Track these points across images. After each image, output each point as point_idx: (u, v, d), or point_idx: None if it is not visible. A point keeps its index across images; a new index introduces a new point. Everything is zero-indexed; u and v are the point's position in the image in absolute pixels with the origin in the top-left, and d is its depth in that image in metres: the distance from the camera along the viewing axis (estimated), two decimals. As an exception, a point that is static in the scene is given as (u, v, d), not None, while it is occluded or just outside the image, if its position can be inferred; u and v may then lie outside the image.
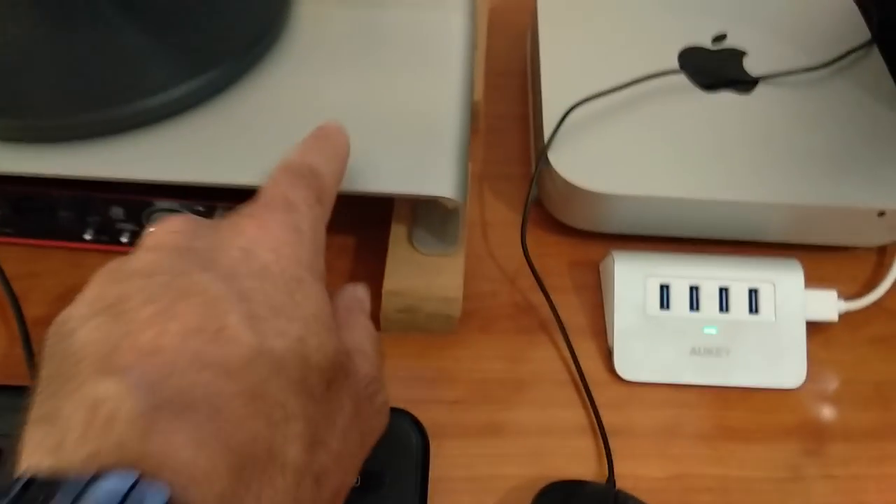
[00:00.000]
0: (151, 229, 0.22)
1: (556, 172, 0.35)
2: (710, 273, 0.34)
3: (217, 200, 0.33)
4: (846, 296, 0.35)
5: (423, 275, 0.33)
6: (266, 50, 0.35)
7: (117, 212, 0.34)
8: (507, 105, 0.45)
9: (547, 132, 0.36)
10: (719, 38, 0.42)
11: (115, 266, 0.21)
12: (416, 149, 0.32)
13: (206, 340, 0.18)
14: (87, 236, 0.35)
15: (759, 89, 0.39)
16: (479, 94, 0.43)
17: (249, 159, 0.31)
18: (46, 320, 0.34)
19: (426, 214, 0.34)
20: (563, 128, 0.37)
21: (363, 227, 0.38)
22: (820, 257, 0.37)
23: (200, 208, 0.34)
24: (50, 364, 0.19)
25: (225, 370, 0.18)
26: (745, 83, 0.40)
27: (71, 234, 0.35)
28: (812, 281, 0.35)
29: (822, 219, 0.36)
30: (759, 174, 0.36)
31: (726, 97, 0.39)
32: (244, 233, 0.22)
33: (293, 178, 0.24)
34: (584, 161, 0.36)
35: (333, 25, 0.36)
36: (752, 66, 0.40)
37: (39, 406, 0.18)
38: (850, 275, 0.37)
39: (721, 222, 0.36)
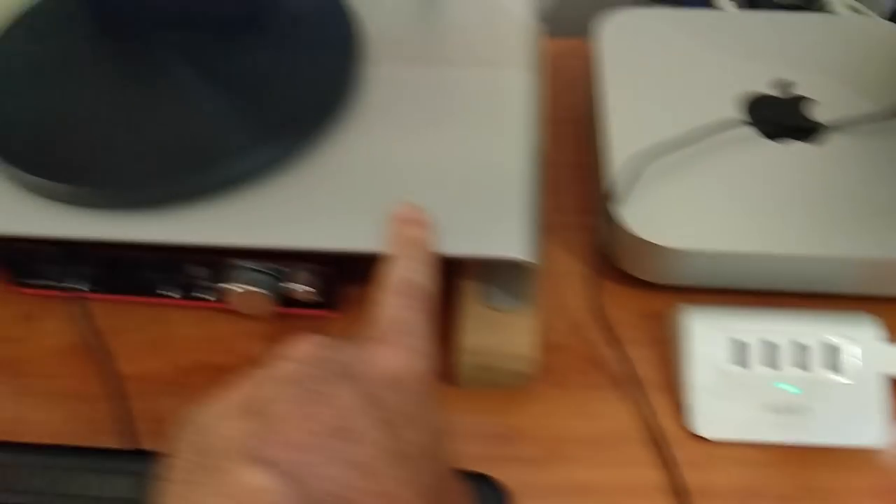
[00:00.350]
0: (292, 344, 0.24)
1: (625, 226, 0.35)
2: (786, 329, 0.34)
3: (292, 262, 0.34)
4: (928, 349, 0.35)
5: (497, 332, 0.33)
6: (339, 114, 0.36)
7: (199, 271, 0.36)
8: (569, 153, 0.45)
9: (614, 185, 0.37)
10: (786, 85, 0.42)
11: (260, 374, 0.23)
12: (486, 209, 0.32)
13: (348, 442, 0.21)
14: (171, 293, 0.37)
15: (829, 138, 0.39)
16: (544, 142, 0.44)
17: (324, 224, 0.32)
18: (131, 375, 0.35)
19: (498, 272, 0.34)
20: (630, 179, 0.37)
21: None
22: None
23: (276, 268, 0.35)
24: (188, 455, 0.21)
25: (365, 471, 0.20)
26: (814, 132, 0.39)
27: (155, 292, 0.37)
28: (891, 334, 0.34)
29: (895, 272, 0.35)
30: (829, 226, 0.35)
31: (794, 147, 0.39)
32: (376, 350, 0.24)
33: (402, 300, 0.26)
34: (653, 215, 0.36)
35: (402, 86, 0.37)
36: (820, 114, 0.40)
37: (181, 495, 0.19)
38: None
39: (793, 276, 0.36)
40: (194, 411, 0.22)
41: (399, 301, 0.26)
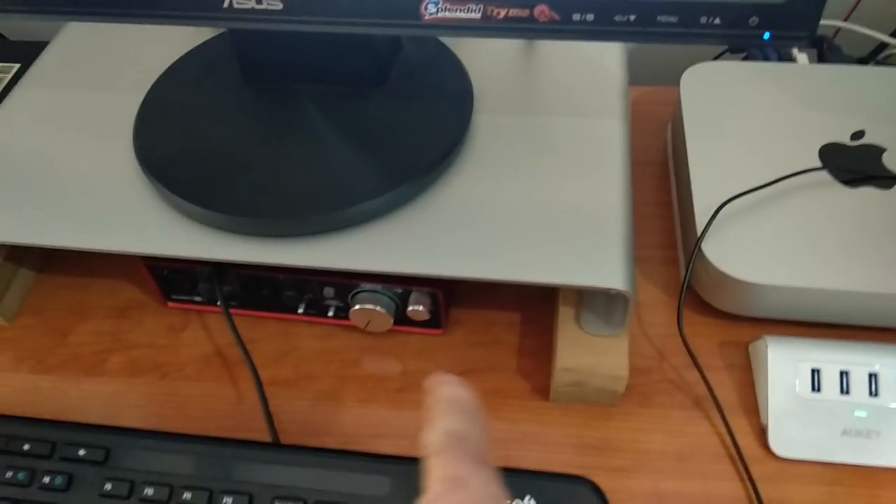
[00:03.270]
0: None
1: (709, 263, 0.39)
2: (859, 359, 0.37)
3: (410, 285, 0.39)
4: None
5: (591, 354, 0.37)
6: (452, 160, 0.40)
7: (329, 291, 0.41)
8: (649, 192, 0.49)
9: (699, 224, 0.40)
10: (858, 134, 0.45)
11: None
12: (587, 243, 0.36)
13: None
14: (300, 310, 0.42)
15: (900, 184, 0.42)
16: (627, 184, 0.48)
17: (438, 254, 0.36)
18: (266, 381, 0.40)
19: (593, 299, 0.38)
20: (712, 219, 0.41)
21: (528, 304, 0.43)
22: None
23: (398, 290, 0.39)
24: None
25: None
26: (886, 179, 0.42)
27: (287, 308, 0.42)
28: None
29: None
30: (902, 266, 0.39)
31: (867, 192, 0.42)
32: None
33: (446, 456, 0.23)
34: (736, 252, 0.39)
35: (506, 133, 0.42)
36: (892, 162, 0.43)
37: None
38: None
39: (864, 311, 0.39)
40: None
41: (441, 460, 0.23)
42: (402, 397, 0.40)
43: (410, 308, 0.39)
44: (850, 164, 0.43)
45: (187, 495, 0.33)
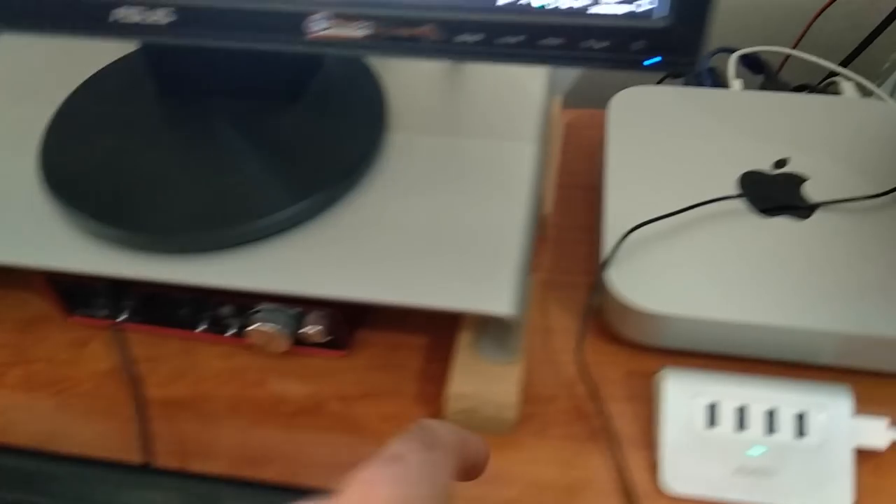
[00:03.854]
0: None
1: (613, 290, 0.38)
2: (759, 394, 0.36)
3: (308, 306, 0.38)
4: (900, 424, 0.36)
5: (483, 381, 0.37)
6: (360, 176, 0.40)
7: (226, 310, 0.40)
8: (577, 216, 0.48)
9: (606, 250, 0.40)
10: (781, 163, 0.44)
11: None
12: (479, 267, 0.36)
13: None
14: (201, 328, 0.41)
15: (818, 216, 0.41)
16: (548, 206, 0.47)
17: (337, 275, 0.36)
18: (160, 401, 0.39)
19: (490, 325, 0.37)
20: (622, 246, 0.40)
21: (436, 327, 0.42)
22: (875, 382, 0.38)
23: (294, 311, 0.39)
24: None
25: None
26: (804, 209, 0.41)
27: (187, 325, 0.41)
28: (865, 405, 0.36)
29: (874, 348, 0.37)
30: (811, 300, 0.37)
31: (783, 223, 0.41)
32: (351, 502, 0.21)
33: (400, 437, 0.23)
34: (641, 281, 0.38)
35: (418, 154, 0.41)
36: (812, 192, 0.42)
37: None
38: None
39: (772, 345, 0.38)
40: None
41: (394, 441, 0.23)
42: (296, 422, 0.39)
43: (304, 329, 0.38)
44: (769, 192, 0.42)
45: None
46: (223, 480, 0.33)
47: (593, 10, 0.31)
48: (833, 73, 0.56)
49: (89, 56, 0.46)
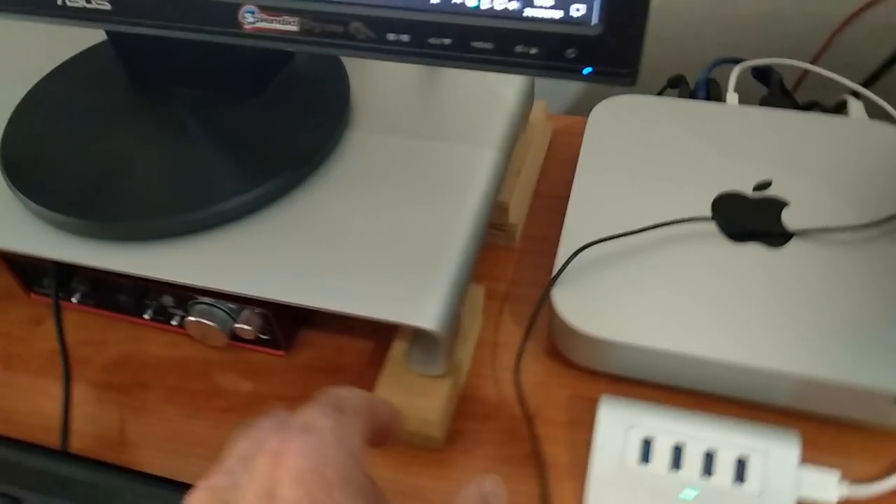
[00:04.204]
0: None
1: (556, 310, 0.36)
2: (699, 433, 0.34)
3: (243, 303, 0.38)
4: (853, 478, 0.33)
5: (408, 394, 0.35)
6: (310, 172, 0.39)
7: (168, 300, 0.40)
8: (549, 228, 0.46)
9: (556, 267, 0.38)
10: (762, 186, 0.41)
11: None
12: (411, 278, 0.34)
13: None
14: (146, 315, 0.41)
15: (793, 245, 0.38)
16: (518, 216, 0.45)
17: (266, 275, 0.35)
18: (100, 384, 0.40)
19: (421, 338, 0.36)
20: (576, 264, 0.38)
21: (382, 333, 0.41)
22: (831, 430, 0.35)
23: (230, 307, 0.38)
24: None
25: None
26: (778, 236, 0.39)
27: (134, 312, 0.41)
28: (817, 455, 0.33)
29: (832, 394, 0.34)
30: (770, 337, 0.35)
31: (754, 250, 0.38)
32: (261, 475, 0.21)
33: (308, 405, 0.23)
34: (587, 302, 0.36)
35: (375, 153, 0.40)
36: (790, 218, 0.39)
37: None
38: (867, 454, 0.35)
39: (722, 382, 0.36)
40: None
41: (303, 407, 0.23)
42: (226, 417, 0.39)
43: (237, 326, 0.38)
44: (744, 216, 0.40)
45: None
46: (124, 470, 0.33)
47: (528, 12, 0.29)
48: (855, 94, 0.53)
49: (69, 42, 0.46)
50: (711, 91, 0.49)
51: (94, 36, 0.46)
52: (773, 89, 0.50)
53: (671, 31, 0.62)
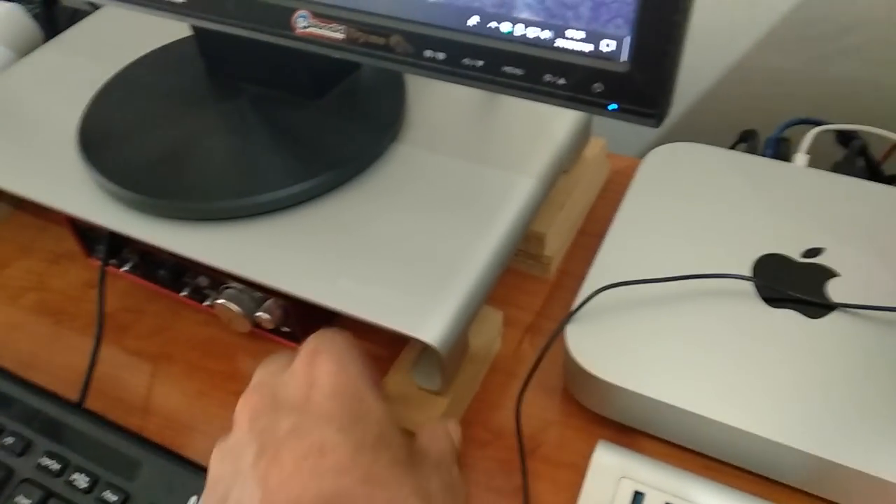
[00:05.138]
0: (236, 409, 0.31)
1: (567, 346, 0.36)
2: (693, 496, 0.32)
3: (270, 293, 0.39)
4: (857, 577, 0.31)
5: (405, 405, 0.35)
6: (351, 176, 0.40)
7: (203, 280, 0.42)
8: (576, 263, 0.45)
9: (576, 304, 0.37)
10: (812, 252, 0.39)
11: (222, 445, 0.31)
12: (425, 291, 0.35)
13: (316, 458, 0.27)
14: (184, 293, 0.43)
15: (833, 318, 0.36)
16: (555, 249, 0.45)
17: (285, 267, 0.36)
18: (131, 350, 0.42)
19: (426, 351, 0.36)
20: (597, 304, 0.37)
21: (399, 342, 0.42)
22: (845, 521, 0.33)
23: (258, 295, 0.40)
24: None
25: (339, 471, 0.27)
26: (819, 307, 0.36)
27: (173, 288, 0.44)
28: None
29: (849, 481, 0.31)
30: (792, 411, 0.33)
31: (790, 317, 0.36)
32: (301, 372, 0.31)
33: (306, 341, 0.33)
34: (600, 343, 0.36)
35: (417, 167, 0.41)
36: (835, 290, 0.37)
37: None
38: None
39: (726, 448, 0.34)
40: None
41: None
42: (236, 400, 0.40)
43: (259, 315, 0.39)
44: (785, 281, 0.38)
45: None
46: (133, 436, 0.35)
47: (559, 43, 0.29)
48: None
49: (168, 31, 0.50)
50: (781, 150, 0.47)
51: (184, 29, 0.49)
52: (850, 155, 0.48)
53: (756, 88, 0.60)
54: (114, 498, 0.32)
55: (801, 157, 0.46)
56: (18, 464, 0.34)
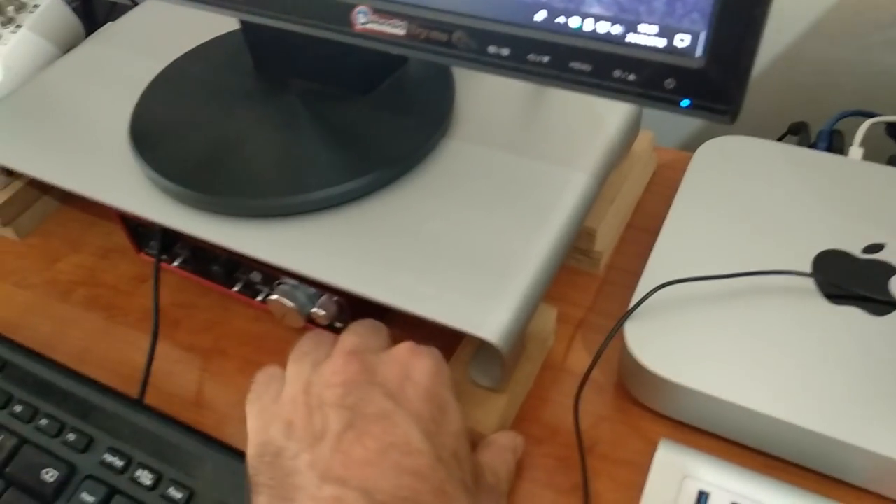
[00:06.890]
0: (329, 367, 0.30)
1: (627, 344, 0.35)
2: (759, 496, 0.32)
3: (324, 289, 0.39)
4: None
5: (464, 403, 0.35)
6: (403, 173, 0.40)
7: (256, 276, 0.42)
8: (627, 258, 0.45)
9: (634, 301, 0.37)
10: (874, 248, 0.38)
11: (306, 397, 0.30)
12: (482, 288, 0.34)
13: (401, 454, 0.27)
14: (236, 288, 0.44)
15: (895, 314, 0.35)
16: (606, 244, 0.44)
17: (342, 264, 0.36)
18: (184, 345, 0.42)
19: (484, 349, 0.36)
20: (655, 301, 0.37)
21: (451, 340, 0.41)
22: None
23: (312, 291, 0.40)
24: (268, 478, 0.27)
25: (418, 475, 0.27)
26: (883, 304, 0.36)
27: (225, 283, 0.44)
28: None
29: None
30: (856, 409, 0.32)
31: (852, 314, 0.36)
32: (400, 362, 0.31)
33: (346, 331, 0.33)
34: (659, 340, 0.35)
35: (469, 162, 0.41)
36: (899, 287, 0.36)
37: None
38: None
39: (790, 447, 0.33)
40: (266, 439, 0.29)
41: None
42: (291, 396, 0.40)
43: (314, 311, 0.39)
44: (847, 278, 0.37)
45: (43, 422, 0.35)
46: (193, 431, 0.35)
47: (630, 38, 0.29)
48: None
49: (210, 27, 0.50)
50: (834, 143, 0.47)
51: (226, 24, 0.49)
52: (906, 148, 0.47)
53: (804, 79, 0.59)
54: (179, 495, 0.32)
55: (856, 151, 0.45)
56: (81, 460, 0.34)
